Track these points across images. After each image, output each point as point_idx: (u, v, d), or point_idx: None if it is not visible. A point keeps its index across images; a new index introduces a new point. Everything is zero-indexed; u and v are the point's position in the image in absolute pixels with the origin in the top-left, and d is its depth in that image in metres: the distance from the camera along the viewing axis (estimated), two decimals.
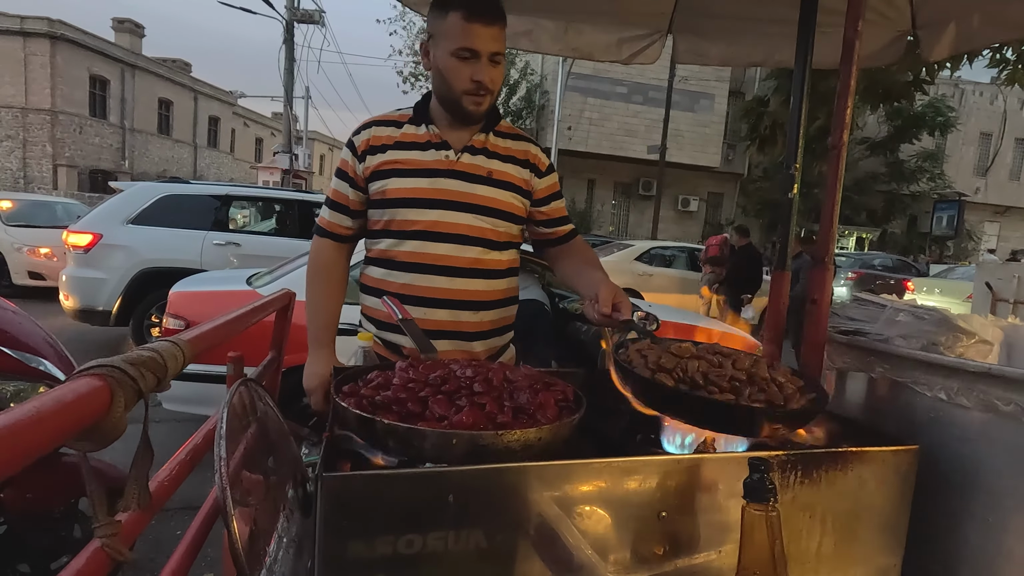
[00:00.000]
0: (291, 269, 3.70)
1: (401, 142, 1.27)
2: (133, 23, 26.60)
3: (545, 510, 0.70)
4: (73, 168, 21.68)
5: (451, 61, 1.18)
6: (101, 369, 0.45)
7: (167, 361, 0.55)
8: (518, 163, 1.33)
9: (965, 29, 1.94)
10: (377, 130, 1.29)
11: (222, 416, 0.68)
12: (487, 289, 1.31)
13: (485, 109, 1.24)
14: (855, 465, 0.80)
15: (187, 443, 0.77)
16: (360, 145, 1.28)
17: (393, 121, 1.30)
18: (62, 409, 0.38)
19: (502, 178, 1.30)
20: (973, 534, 0.88)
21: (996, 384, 0.83)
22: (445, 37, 1.18)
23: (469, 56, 1.17)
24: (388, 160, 1.26)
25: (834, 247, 1.07)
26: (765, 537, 0.65)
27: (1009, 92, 17.36)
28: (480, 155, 1.29)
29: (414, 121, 1.29)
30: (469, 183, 1.27)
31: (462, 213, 1.26)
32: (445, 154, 1.27)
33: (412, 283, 1.26)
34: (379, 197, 1.27)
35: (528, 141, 1.38)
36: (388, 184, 1.26)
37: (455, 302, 1.27)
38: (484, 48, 1.16)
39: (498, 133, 1.33)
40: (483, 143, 1.30)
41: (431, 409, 0.75)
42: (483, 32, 1.15)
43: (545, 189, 1.39)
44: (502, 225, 1.31)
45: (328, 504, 0.60)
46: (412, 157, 1.26)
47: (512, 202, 1.31)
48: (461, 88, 1.19)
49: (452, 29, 1.16)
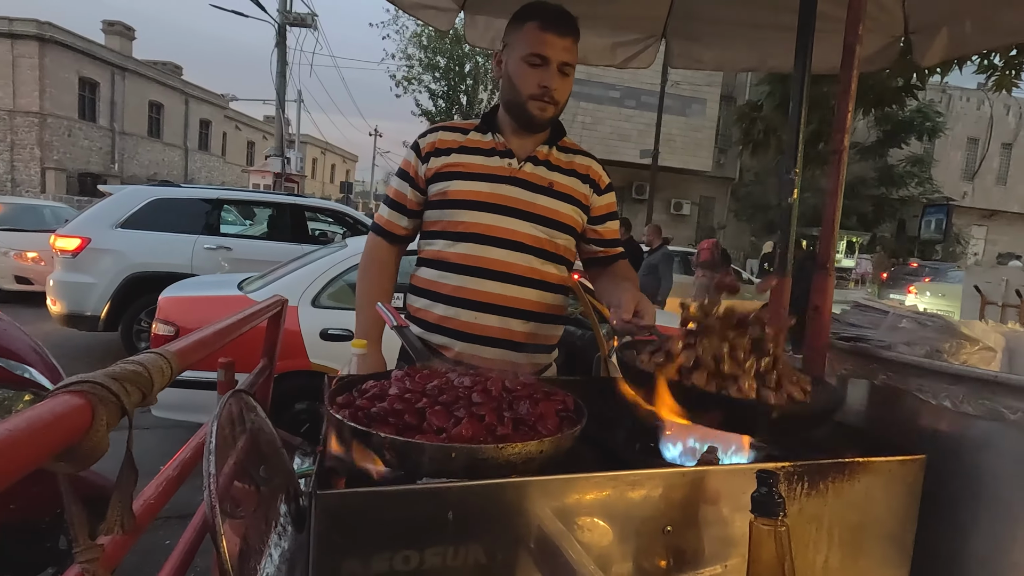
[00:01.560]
0: (284, 274, 3.66)
1: (466, 147, 1.30)
2: (123, 25, 26.40)
3: (547, 525, 0.68)
4: (62, 171, 21.46)
5: (522, 66, 1.22)
6: (82, 386, 0.43)
7: (153, 375, 0.53)
8: (579, 177, 1.35)
9: (957, 35, 1.95)
10: (444, 134, 1.32)
11: (211, 431, 0.66)
12: (539, 300, 1.31)
13: (549, 117, 1.26)
14: (862, 476, 0.79)
15: (175, 458, 0.75)
16: (425, 147, 1.31)
17: (460, 128, 1.34)
18: (38, 430, 0.36)
19: (563, 190, 1.32)
20: (979, 544, 0.87)
21: (1003, 392, 0.82)
22: (519, 44, 1.23)
23: (540, 63, 1.21)
24: (451, 163, 1.29)
25: (835, 253, 1.06)
26: (774, 553, 0.64)
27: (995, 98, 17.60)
28: (542, 166, 1.31)
29: (480, 128, 1.33)
30: (530, 192, 1.28)
31: (520, 220, 1.27)
32: (508, 162, 1.29)
33: (464, 286, 1.26)
34: (439, 198, 1.29)
35: (590, 157, 1.40)
36: (450, 186, 1.28)
37: (507, 308, 1.27)
38: (554, 56, 1.21)
39: (561, 148, 1.36)
40: (546, 155, 1.32)
41: (429, 421, 0.73)
42: (555, 41, 1.20)
43: (603, 207, 1.40)
44: (560, 237, 1.32)
45: (323, 522, 0.57)
46: (475, 161, 1.29)
47: (572, 215, 1.32)
48: (528, 92, 1.23)
49: (526, 36, 1.21)
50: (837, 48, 1.91)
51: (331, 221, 7.23)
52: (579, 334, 3.46)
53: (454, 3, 2.09)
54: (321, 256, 3.68)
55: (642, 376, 0.85)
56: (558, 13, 1.22)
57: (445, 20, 2.12)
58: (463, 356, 1.26)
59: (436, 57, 21.23)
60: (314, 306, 3.33)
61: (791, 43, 2.21)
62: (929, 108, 17.65)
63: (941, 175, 21.71)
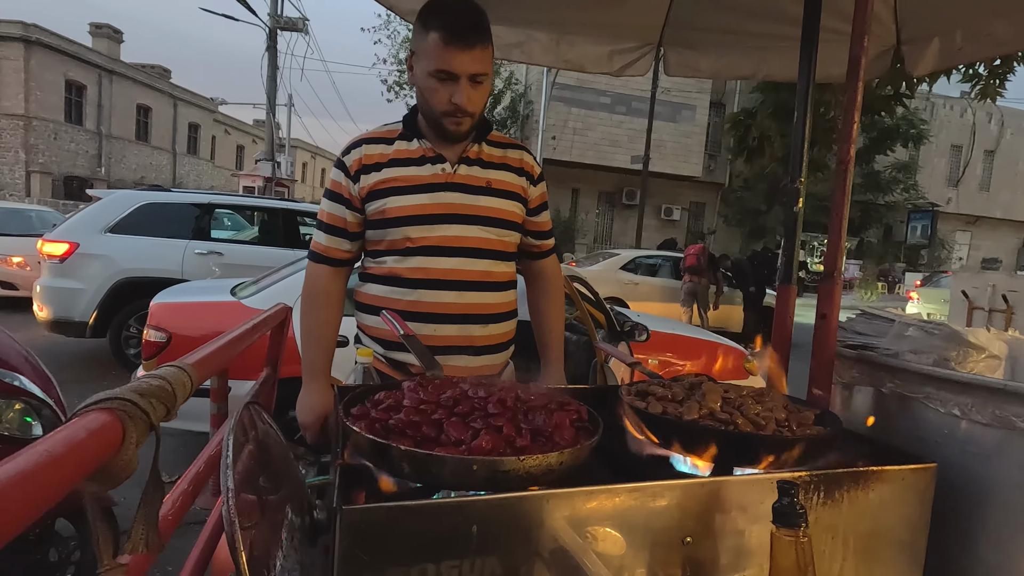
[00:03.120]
0: (277, 280, 3.63)
1: (395, 159, 1.24)
2: (111, 28, 26.18)
3: (567, 537, 0.67)
4: (47, 175, 21.17)
5: (430, 81, 1.16)
6: (111, 403, 0.42)
7: (176, 389, 0.52)
8: (513, 171, 1.32)
9: (948, 45, 1.99)
10: (368, 148, 1.25)
11: (227, 444, 0.64)
12: (496, 302, 1.30)
13: (465, 129, 1.21)
14: (875, 484, 0.79)
15: (188, 471, 0.73)
16: (352, 165, 1.24)
17: (383, 138, 1.27)
18: (75, 449, 0.35)
19: (502, 187, 1.29)
20: (988, 551, 0.88)
21: (1012, 400, 0.83)
22: (425, 56, 1.15)
23: (447, 78, 1.14)
24: (384, 179, 1.23)
25: (842, 260, 1.07)
26: (795, 564, 0.64)
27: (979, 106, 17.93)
28: (476, 165, 1.27)
29: (404, 136, 1.27)
30: (469, 195, 1.25)
31: (466, 225, 1.24)
32: (441, 167, 1.24)
33: (420, 299, 1.23)
34: (378, 217, 1.24)
35: (521, 148, 1.36)
36: (387, 203, 1.22)
37: (465, 316, 1.25)
38: (462, 70, 1.13)
39: (490, 142, 1.31)
40: (477, 153, 1.29)
41: (447, 433, 0.72)
42: (461, 56, 1.12)
43: (538, 198, 1.38)
44: (507, 235, 1.30)
45: (347, 536, 0.57)
46: (408, 173, 1.23)
47: (514, 211, 1.30)
48: (440, 109, 1.17)
49: (432, 50, 1.13)
50: (832, 57, 1.95)
51: None
52: (574, 340, 3.46)
53: None
54: None
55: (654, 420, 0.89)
56: (462, 20, 1.13)
57: None
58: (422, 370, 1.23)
59: None
60: None
61: (786, 52, 2.25)
62: (914, 116, 17.94)
63: (926, 181, 22.08)
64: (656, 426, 0.90)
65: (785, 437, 0.83)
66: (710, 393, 0.95)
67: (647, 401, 0.95)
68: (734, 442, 0.84)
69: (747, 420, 0.87)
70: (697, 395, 0.96)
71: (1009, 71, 5.74)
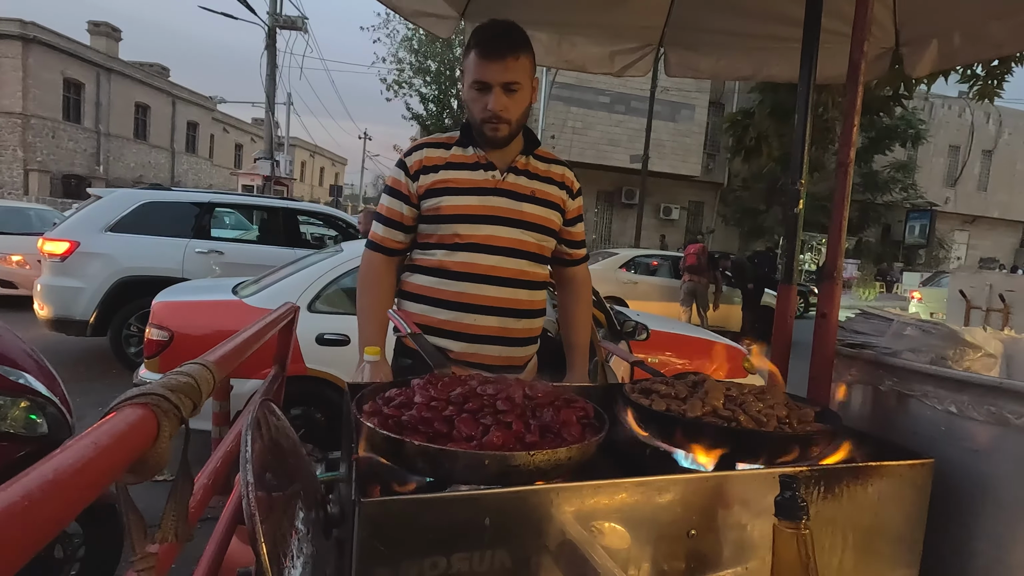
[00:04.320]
0: (279, 278, 3.64)
1: (451, 163, 1.38)
2: (110, 26, 26.12)
3: (574, 530, 0.69)
4: (45, 173, 21.13)
5: (470, 93, 1.32)
6: (145, 398, 0.44)
7: (201, 385, 0.54)
8: (556, 184, 1.45)
9: (947, 47, 2.01)
10: (429, 151, 1.40)
11: (245, 439, 0.66)
12: (530, 299, 1.43)
13: (504, 135, 1.33)
14: (874, 479, 0.81)
15: (207, 466, 0.75)
16: (413, 165, 1.39)
17: (442, 143, 1.41)
18: (118, 441, 0.37)
19: (544, 197, 1.42)
20: (984, 545, 0.90)
21: (1007, 397, 0.85)
22: (467, 72, 1.31)
23: (482, 88, 1.29)
24: (441, 179, 1.36)
25: (842, 260, 1.09)
26: (797, 556, 0.66)
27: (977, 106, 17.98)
28: (523, 176, 1.41)
29: (461, 143, 1.40)
30: (515, 200, 1.38)
31: (510, 228, 1.37)
32: (492, 174, 1.38)
33: (465, 291, 1.35)
34: (433, 213, 1.37)
35: (564, 165, 1.50)
36: (442, 201, 1.36)
37: (504, 310, 1.38)
38: (494, 80, 1.27)
39: (538, 157, 1.45)
40: (525, 165, 1.42)
41: (458, 429, 0.74)
42: (493, 66, 1.26)
43: (574, 210, 1.52)
44: (545, 240, 1.43)
45: (365, 528, 0.59)
46: (463, 176, 1.37)
47: (552, 219, 1.43)
48: (479, 117, 1.31)
49: (470, 65, 1.29)
50: (831, 59, 1.96)
51: (323, 225, 7.22)
52: None
53: (455, 11, 2.11)
54: (317, 261, 3.67)
55: (657, 416, 0.92)
56: (495, 36, 1.28)
57: (446, 28, 2.14)
58: (464, 355, 1.37)
59: (427, 61, 21.24)
60: (310, 311, 3.32)
61: (785, 53, 2.27)
62: (912, 116, 17.99)
63: (924, 181, 22.12)
64: (660, 423, 0.92)
65: (786, 434, 0.86)
66: (712, 391, 0.97)
67: (651, 398, 0.97)
68: (736, 439, 0.86)
69: (749, 417, 0.89)
70: (700, 393, 0.98)
71: (1007, 72, 5.78)
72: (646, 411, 0.93)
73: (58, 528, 0.30)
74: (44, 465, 0.31)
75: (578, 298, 1.57)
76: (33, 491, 0.28)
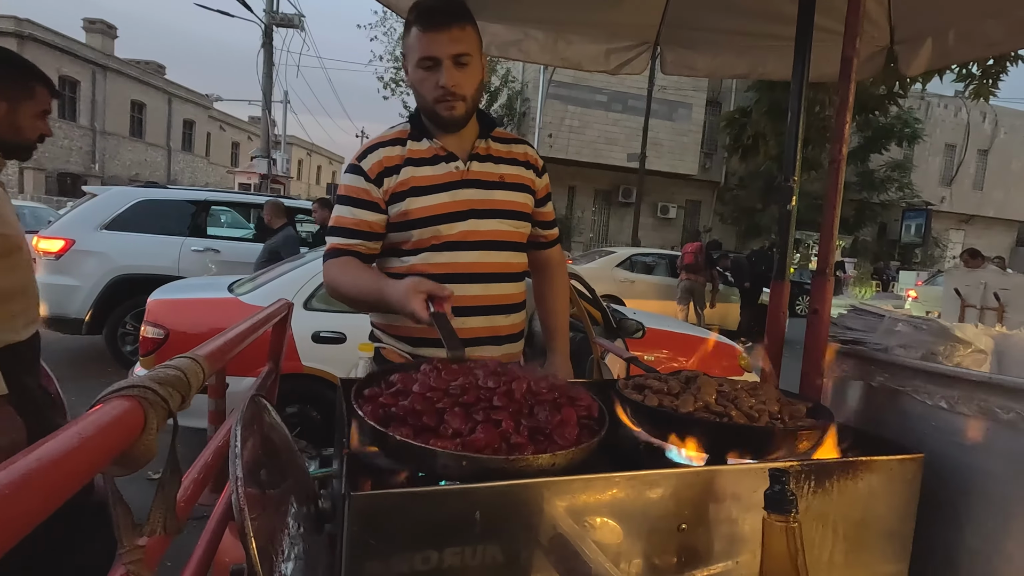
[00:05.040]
0: (275, 276, 3.64)
1: (410, 159, 1.27)
2: (105, 24, 26.02)
3: (566, 524, 0.70)
4: (40, 171, 21.04)
5: (418, 74, 1.21)
6: (132, 391, 0.44)
7: (190, 379, 0.54)
8: (521, 164, 1.37)
9: (941, 46, 2.01)
10: (385, 151, 1.28)
11: (235, 434, 0.66)
12: (515, 292, 1.35)
13: (461, 114, 1.24)
14: (864, 474, 0.82)
15: (198, 461, 0.75)
16: (372, 168, 1.26)
17: (395, 139, 1.30)
18: (103, 432, 0.37)
19: (514, 180, 1.34)
20: (974, 539, 0.91)
21: (996, 392, 0.85)
22: (411, 51, 1.21)
23: (431, 64, 1.19)
24: (403, 180, 1.26)
25: (834, 258, 1.09)
26: (786, 549, 0.66)
27: (972, 105, 18.05)
28: (487, 162, 1.32)
29: (414, 137, 1.30)
30: (485, 189, 1.30)
31: (485, 220, 1.28)
32: (454, 165, 1.28)
33: None
34: (402, 219, 1.26)
35: (523, 143, 1.42)
36: (409, 204, 1.25)
37: (491, 307, 1.29)
38: (443, 53, 1.17)
39: (496, 139, 1.36)
40: (486, 150, 1.33)
41: (447, 423, 0.74)
42: (439, 38, 1.17)
43: (543, 188, 1.43)
44: (522, 226, 1.35)
45: (356, 522, 0.59)
46: (424, 173, 1.27)
47: (526, 202, 1.36)
48: (432, 97, 1.21)
49: (414, 43, 1.19)
50: (826, 57, 1.97)
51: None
52: (571, 336, 3.48)
53: None
54: (312, 259, 3.66)
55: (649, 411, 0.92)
56: (435, 7, 1.18)
57: None
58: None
59: None
60: (306, 308, 3.31)
61: (781, 51, 2.27)
62: (909, 115, 18.04)
63: (920, 180, 22.18)
64: (653, 418, 0.92)
65: (778, 429, 0.86)
66: (705, 387, 0.98)
67: (644, 394, 0.97)
68: (729, 434, 0.87)
69: (741, 413, 0.90)
70: (692, 389, 0.98)
71: (1002, 71, 5.79)
72: (639, 407, 0.93)
73: (39, 518, 0.30)
74: (28, 455, 0.31)
75: (555, 281, 1.50)
76: (16, 480, 0.28)
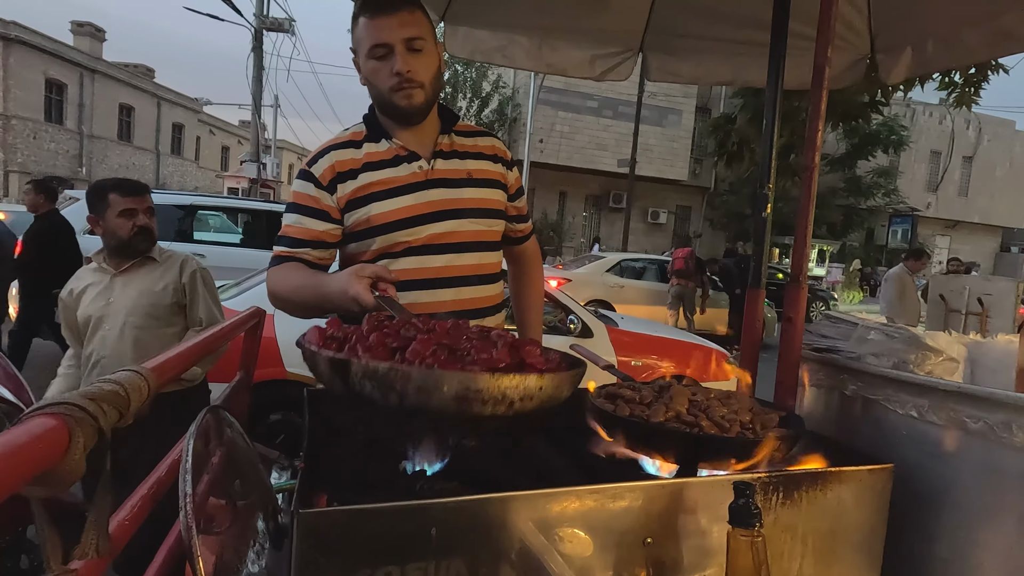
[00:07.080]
0: (260, 281, 3.60)
1: (368, 163, 1.20)
2: (93, 27, 25.79)
3: (529, 538, 0.68)
4: (26, 174, 20.77)
5: (370, 65, 1.15)
6: (57, 408, 0.42)
7: (130, 393, 0.52)
8: (488, 158, 1.30)
9: (921, 54, 2.03)
10: (338, 154, 1.20)
11: (187, 448, 0.64)
12: (490, 294, 1.28)
13: (420, 103, 1.17)
14: (833, 485, 0.81)
15: (150, 477, 0.73)
16: (324, 174, 1.18)
17: (350, 142, 1.22)
18: (15, 453, 0.35)
19: (483, 176, 1.27)
20: (944, 548, 0.90)
21: (966, 402, 0.85)
22: (360, 44, 1.16)
23: (384, 52, 1.13)
24: (362, 185, 1.18)
25: (807, 264, 1.09)
26: (751, 562, 0.65)
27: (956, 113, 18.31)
28: (453, 159, 1.25)
29: (371, 138, 1.23)
30: (453, 188, 1.22)
31: (454, 220, 1.21)
32: (418, 165, 1.21)
33: (417, 301, 1.17)
34: (364, 226, 1.19)
35: (489, 135, 1.35)
36: (371, 211, 1.18)
37: (463, 312, 1.20)
38: (394, 38, 1.11)
39: (460, 132, 1.29)
40: (450, 145, 1.26)
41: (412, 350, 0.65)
42: (389, 22, 1.11)
43: (515, 182, 1.36)
44: (495, 224, 1.29)
45: (305, 540, 0.57)
46: (386, 176, 1.19)
47: (497, 198, 1.29)
48: (387, 87, 1.15)
49: (363, 32, 1.14)
50: (808, 64, 1.97)
51: None
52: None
53: (435, 13, 2.10)
54: None
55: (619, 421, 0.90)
56: None
57: None
58: None
59: None
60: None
61: (763, 58, 2.28)
62: (894, 122, 18.29)
63: (906, 187, 22.48)
64: (624, 428, 0.91)
65: (748, 439, 0.85)
66: (677, 396, 0.97)
67: (615, 404, 0.96)
68: (699, 444, 0.86)
69: (712, 422, 0.89)
70: (665, 398, 0.97)
71: (983, 79, 5.87)
72: (610, 416, 0.92)
73: None
74: None
75: (531, 277, 1.45)
76: None
